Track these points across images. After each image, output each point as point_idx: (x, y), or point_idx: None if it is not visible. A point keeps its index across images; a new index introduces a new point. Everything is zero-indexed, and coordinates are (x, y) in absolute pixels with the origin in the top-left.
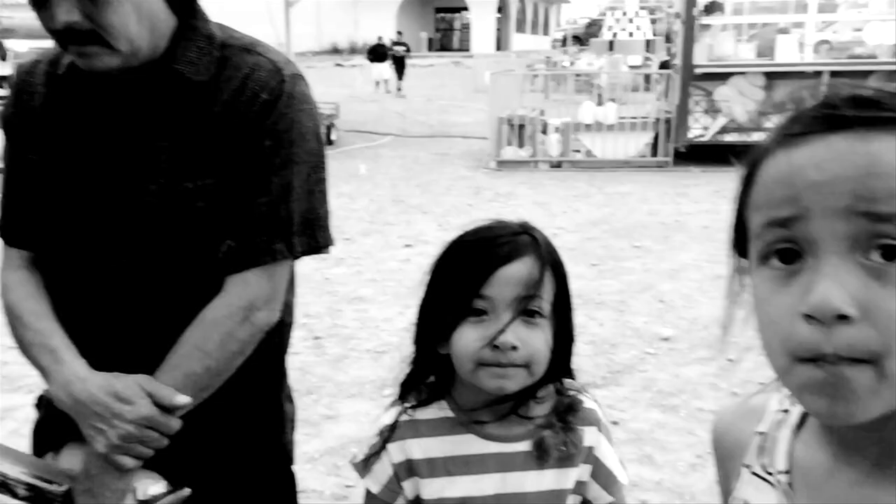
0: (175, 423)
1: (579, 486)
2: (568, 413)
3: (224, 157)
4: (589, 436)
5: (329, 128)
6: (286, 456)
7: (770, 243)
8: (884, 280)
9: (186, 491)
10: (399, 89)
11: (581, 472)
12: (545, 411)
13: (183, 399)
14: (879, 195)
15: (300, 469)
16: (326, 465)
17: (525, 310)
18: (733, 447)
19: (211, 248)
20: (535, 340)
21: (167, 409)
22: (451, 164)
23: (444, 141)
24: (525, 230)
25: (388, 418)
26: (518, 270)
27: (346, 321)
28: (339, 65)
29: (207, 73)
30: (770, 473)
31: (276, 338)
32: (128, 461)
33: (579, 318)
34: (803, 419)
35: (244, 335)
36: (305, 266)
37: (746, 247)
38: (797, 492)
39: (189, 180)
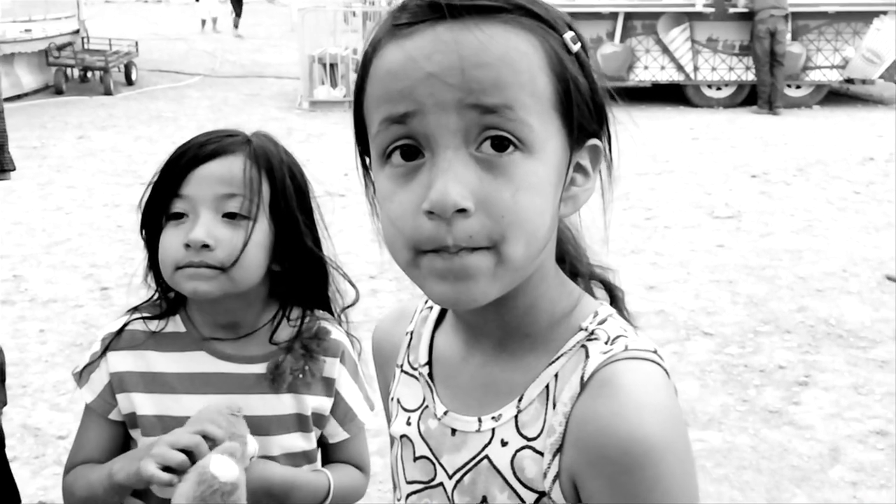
0: None
1: (319, 419)
2: (312, 341)
3: None
4: (329, 367)
5: (128, 66)
6: None
7: (390, 141)
8: (496, 172)
9: None
10: (236, 27)
11: (320, 402)
12: (289, 336)
13: None
14: (486, 86)
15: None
16: None
17: (228, 211)
18: (389, 352)
19: None
20: (235, 241)
21: None
22: (263, 105)
23: (256, 81)
24: (243, 134)
25: (113, 326)
26: (218, 168)
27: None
28: (142, 0)
29: None
30: (415, 368)
31: None
32: None
33: (385, 254)
34: (443, 313)
35: None
36: (95, 213)
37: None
38: (437, 380)
39: None
